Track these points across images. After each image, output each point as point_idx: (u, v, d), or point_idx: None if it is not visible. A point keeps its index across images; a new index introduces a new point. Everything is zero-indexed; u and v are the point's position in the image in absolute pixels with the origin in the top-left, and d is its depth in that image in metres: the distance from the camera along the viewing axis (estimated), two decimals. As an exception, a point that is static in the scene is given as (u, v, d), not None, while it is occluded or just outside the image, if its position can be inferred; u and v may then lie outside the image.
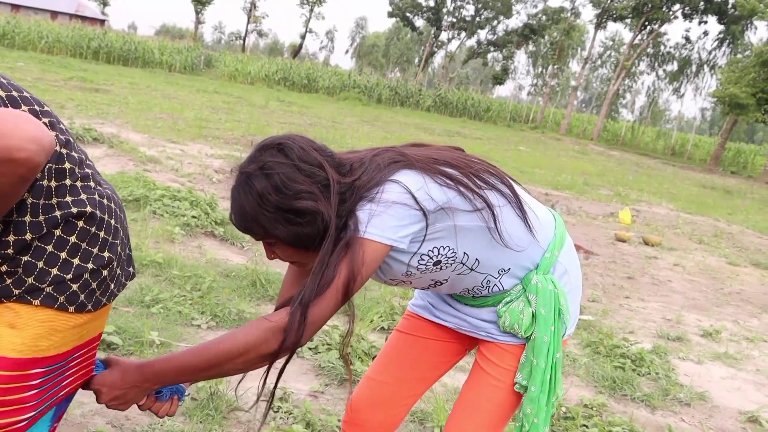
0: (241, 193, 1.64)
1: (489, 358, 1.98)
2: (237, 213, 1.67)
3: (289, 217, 1.61)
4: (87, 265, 1.49)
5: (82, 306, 1.51)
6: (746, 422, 4.08)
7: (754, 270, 8.98)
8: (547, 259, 1.91)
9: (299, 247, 1.67)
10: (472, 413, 1.96)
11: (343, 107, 29.10)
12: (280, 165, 1.62)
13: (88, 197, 1.50)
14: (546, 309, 1.88)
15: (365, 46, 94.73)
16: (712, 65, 47.24)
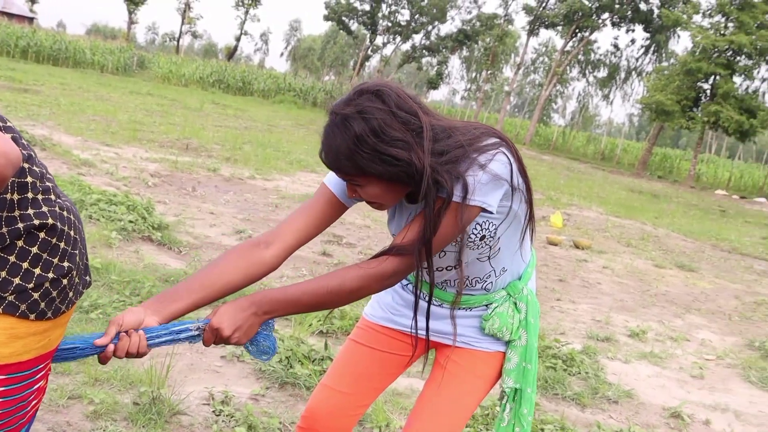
0: (336, 133, 1.68)
1: (460, 364, 2.05)
2: (330, 152, 1.71)
3: (385, 159, 1.66)
4: (48, 275, 1.54)
5: (43, 314, 1.55)
6: (670, 417, 4.28)
7: (678, 272, 9.32)
8: (528, 274, 2.07)
9: (394, 182, 1.73)
10: (442, 416, 2.04)
11: (278, 110, 29.03)
12: (377, 110, 1.67)
13: (49, 210, 1.55)
14: (534, 318, 2.02)
15: (300, 49, 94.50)
16: (639, 72, 48.50)
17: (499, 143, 1.78)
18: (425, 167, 1.67)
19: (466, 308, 2.05)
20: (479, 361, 2.05)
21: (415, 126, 1.70)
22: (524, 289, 2.04)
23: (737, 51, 31.39)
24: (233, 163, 11.54)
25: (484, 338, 2.05)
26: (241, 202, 8.68)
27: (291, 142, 16.15)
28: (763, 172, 39.54)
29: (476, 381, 2.05)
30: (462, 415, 2.05)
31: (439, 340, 2.10)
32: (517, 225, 1.93)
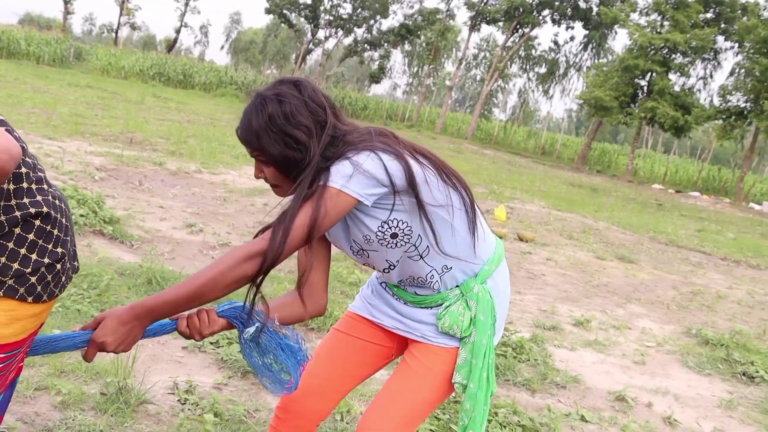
0: (253, 111, 1.91)
1: (419, 358, 2.16)
2: (244, 127, 1.93)
3: (286, 141, 1.88)
4: (43, 260, 1.65)
5: (39, 297, 1.67)
6: (615, 401, 4.48)
7: (619, 263, 9.61)
8: (486, 271, 2.13)
9: (284, 170, 1.93)
10: (396, 405, 2.13)
11: (220, 104, 28.80)
12: (293, 97, 1.90)
13: (43, 198, 1.65)
14: (484, 316, 2.10)
15: (241, 42, 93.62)
16: (578, 68, 49.35)
17: (381, 144, 1.91)
18: (314, 156, 1.87)
19: (425, 307, 2.15)
20: (435, 356, 2.15)
21: (321, 119, 1.93)
22: (476, 287, 2.11)
23: (673, 49, 32.24)
24: (179, 156, 11.49)
25: (440, 335, 2.15)
26: (189, 196, 8.67)
27: (235, 136, 16.06)
28: (697, 167, 40.67)
29: (432, 376, 2.15)
30: (419, 406, 2.15)
31: (402, 334, 2.21)
32: (441, 221, 2.00)
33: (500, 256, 2.21)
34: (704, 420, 4.46)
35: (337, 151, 1.91)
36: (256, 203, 8.86)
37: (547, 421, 3.82)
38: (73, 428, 2.85)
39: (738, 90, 31.41)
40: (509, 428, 3.63)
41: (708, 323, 6.95)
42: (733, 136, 32.26)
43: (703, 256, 11.79)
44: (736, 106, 31.34)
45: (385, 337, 2.28)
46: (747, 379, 5.35)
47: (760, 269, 11.48)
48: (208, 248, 6.37)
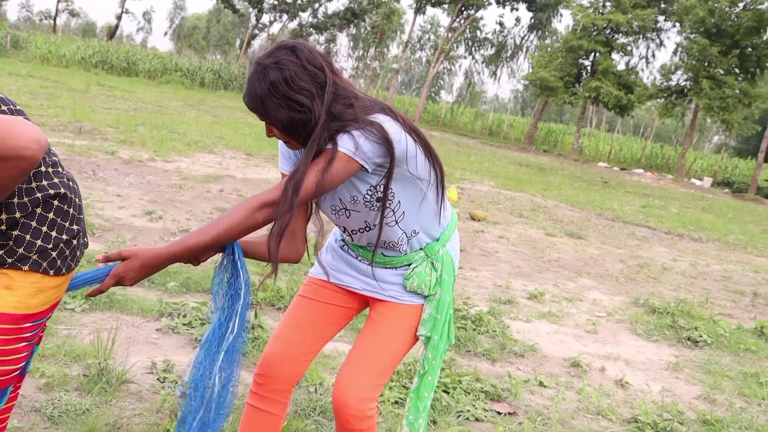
0: (255, 80, 2.03)
1: (387, 316, 2.35)
2: (250, 95, 2.05)
3: (290, 104, 2.01)
4: (62, 237, 1.84)
5: (59, 270, 1.86)
6: (570, 367, 4.72)
7: (568, 239, 9.91)
8: (446, 236, 2.36)
9: (293, 132, 2.07)
10: (370, 359, 2.32)
11: (166, 91, 28.52)
12: (291, 63, 2.01)
13: (59, 180, 1.84)
14: (448, 276, 2.33)
15: (185, 28, 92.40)
16: (524, 50, 49.89)
17: (386, 118, 2.11)
18: (320, 117, 2.03)
19: (392, 267, 2.35)
20: (402, 313, 2.35)
21: (320, 80, 2.04)
22: (440, 250, 2.35)
23: (615, 29, 32.84)
24: (130, 145, 11.45)
25: (407, 293, 2.35)
26: (145, 184, 8.70)
27: (184, 123, 16.03)
28: (640, 145, 41.57)
29: (400, 331, 2.35)
30: (389, 359, 2.35)
31: (370, 295, 2.40)
32: (418, 191, 2.23)
33: (455, 223, 2.44)
34: (653, 381, 4.73)
35: (343, 111, 2.06)
36: (212, 189, 8.93)
37: (508, 387, 4.04)
38: (59, 408, 2.97)
39: (678, 69, 32.16)
40: (473, 394, 3.83)
41: (654, 293, 7.26)
42: (674, 114, 33.05)
43: (648, 231, 12.19)
44: (677, 84, 32.10)
45: (347, 298, 2.47)
46: (691, 344, 5.66)
47: (702, 242, 11.92)
48: (169, 235, 6.45)
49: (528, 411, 3.87)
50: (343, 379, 2.30)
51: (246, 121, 19.82)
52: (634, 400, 4.31)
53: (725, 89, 28.87)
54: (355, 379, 2.29)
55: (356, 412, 2.26)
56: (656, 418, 3.91)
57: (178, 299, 4.59)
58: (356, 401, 2.25)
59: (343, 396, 2.26)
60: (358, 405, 2.26)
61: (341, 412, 2.27)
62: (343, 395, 2.26)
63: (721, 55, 29.40)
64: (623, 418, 3.98)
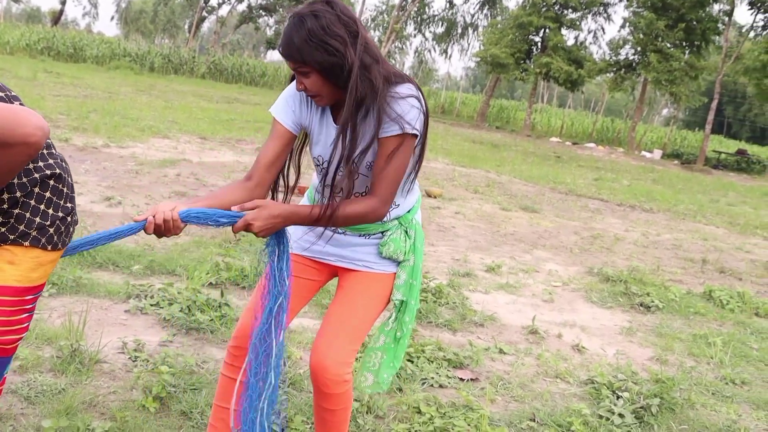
0: (293, 29, 2.17)
1: (362, 284, 2.49)
2: (286, 44, 2.18)
3: (327, 48, 2.15)
4: (58, 214, 1.97)
5: (56, 245, 2.01)
6: (528, 334, 4.90)
7: (523, 213, 10.11)
8: (415, 208, 2.53)
9: (329, 76, 2.19)
10: (346, 326, 2.43)
11: (115, 77, 28.15)
12: (327, 12, 2.16)
13: (54, 161, 1.96)
14: (420, 244, 2.50)
15: (132, 12, 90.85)
16: (475, 27, 50.05)
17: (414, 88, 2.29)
18: (354, 62, 2.17)
19: (365, 235, 2.48)
20: (375, 281, 2.49)
21: (353, 30, 2.19)
22: (413, 220, 2.50)
23: (564, 5, 33.14)
24: (83, 132, 11.36)
25: (381, 261, 2.49)
26: (101, 170, 8.67)
27: (137, 109, 15.90)
28: (591, 120, 42.12)
29: (374, 297, 2.49)
30: (364, 324, 2.47)
31: (343, 265, 2.53)
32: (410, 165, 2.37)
33: (420, 198, 2.60)
34: (608, 346, 4.93)
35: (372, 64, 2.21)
36: (168, 174, 8.93)
37: (469, 354, 4.19)
38: (35, 389, 3.03)
39: (627, 43, 32.62)
40: (436, 363, 3.98)
41: (608, 263, 7.49)
42: (623, 88, 33.54)
43: (600, 203, 12.46)
44: (626, 59, 32.56)
45: (315, 271, 2.59)
46: (644, 309, 5.88)
47: (652, 212, 12.23)
48: (129, 219, 6.44)
49: (489, 376, 4.02)
50: (321, 344, 2.40)
51: (198, 105, 19.72)
52: (590, 364, 4.49)
53: (672, 62, 29.39)
54: (333, 344, 2.39)
55: (334, 376, 2.37)
56: (611, 378, 4.08)
57: (144, 281, 4.65)
58: (335, 365, 2.36)
59: (322, 360, 2.37)
60: (336, 369, 2.37)
61: (320, 377, 2.38)
62: (321, 360, 2.37)
63: (668, 29, 29.89)
64: (580, 380, 4.16)
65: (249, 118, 17.90)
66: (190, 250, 5.58)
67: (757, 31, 31.43)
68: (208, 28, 74.39)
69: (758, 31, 31.30)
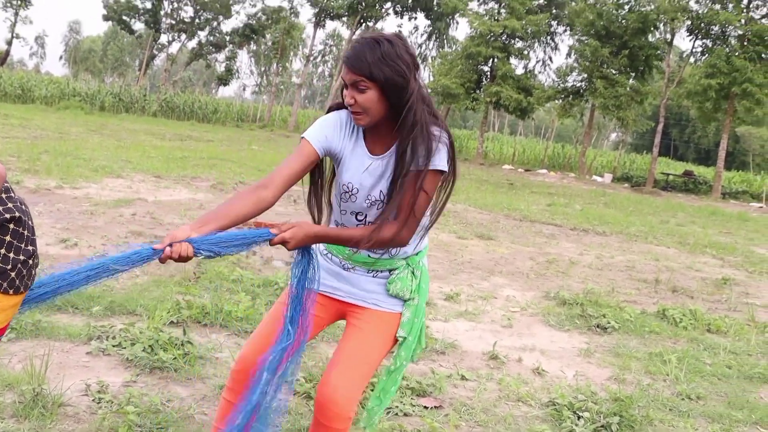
0: (367, 47, 2.36)
1: (370, 323, 2.57)
2: (358, 57, 2.35)
3: (396, 68, 2.35)
4: (19, 257, 1.93)
5: (18, 289, 1.96)
6: (489, 360, 4.97)
7: (479, 241, 10.23)
8: (422, 253, 2.67)
9: (387, 94, 2.37)
10: (356, 363, 2.49)
11: (65, 117, 27.89)
12: (399, 42, 2.40)
13: (13, 205, 1.93)
14: (425, 285, 2.61)
15: (81, 51, 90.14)
16: (424, 58, 50.62)
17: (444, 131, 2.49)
18: (413, 90, 2.39)
19: (374, 273, 2.59)
20: (383, 321, 2.58)
21: (416, 63, 2.43)
22: (420, 262, 2.63)
23: (511, 35, 33.76)
24: (34, 174, 11.25)
25: (388, 300, 2.60)
26: (55, 212, 8.59)
27: (89, 149, 15.78)
28: (542, 146, 42.76)
29: (382, 336, 2.58)
30: (372, 362, 2.55)
31: (352, 301, 2.62)
32: None
33: (428, 245, 2.74)
34: (567, 368, 5.02)
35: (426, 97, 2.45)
36: (124, 214, 8.88)
37: (432, 382, 4.25)
38: (-2, 434, 3.01)
39: (573, 71, 33.30)
40: (400, 391, 4.02)
41: (564, 286, 7.62)
42: (572, 114, 34.21)
43: (554, 228, 12.67)
44: (573, 85, 33.23)
45: (324, 308, 2.67)
46: (600, 330, 6.01)
47: (605, 235, 12.46)
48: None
49: (453, 403, 4.08)
50: (332, 378, 2.45)
51: (151, 144, 19.63)
52: (550, 386, 4.57)
53: (618, 88, 30.09)
54: (344, 379, 2.44)
55: (341, 410, 2.41)
56: (572, 399, 4.17)
57: (105, 322, 4.63)
58: (344, 400, 2.41)
59: (332, 393, 2.41)
60: (345, 403, 2.42)
61: (326, 410, 2.41)
62: (331, 393, 2.41)
63: (612, 56, 30.64)
64: (542, 402, 4.24)
65: (203, 155, 17.86)
66: (150, 289, 5.57)
67: (696, 57, 32.38)
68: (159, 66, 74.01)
69: (698, 56, 32.24)
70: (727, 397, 4.69)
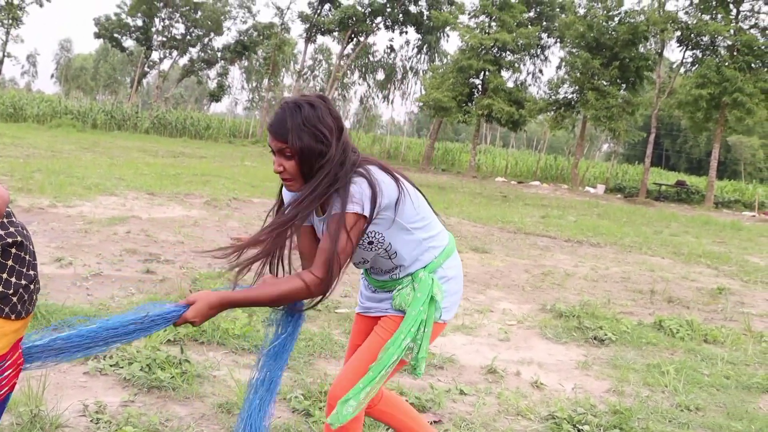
0: (288, 113, 2.41)
1: (383, 327, 2.72)
2: (278, 123, 2.42)
3: (316, 135, 2.41)
4: (21, 282, 1.90)
5: (20, 314, 1.93)
6: (487, 374, 4.96)
7: (474, 254, 10.23)
8: (435, 264, 2.67)
9: (306, 162, 2.43)
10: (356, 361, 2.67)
11: (57, 135, 27.88)
12: (322, 104, 2.45)
13: (15, 230, 1.91)
14: (421, 294, 2.61)
15: (72, 69, 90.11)
16: (415, 72, 50.78)
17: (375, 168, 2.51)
18: (335, 153, 2.44)
19: (385, 290, 2.73)
20: (385, 321, 2.73)
21: (340, 125, 2.49)
22: (421, 274, 2.65)
23: (502, 48, 33.88)
24: (28, 192, 11.22)
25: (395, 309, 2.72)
26: (49, 231, 8.57)
27: (82, 167, 15.76)
28: (535, 158, 42.85)
29: (382, 337, 2.66)
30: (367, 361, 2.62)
31: (374, 314, 2.81)
32: (406, 233, 2.60)
33: (451, 250, 2.77)
34: (565, 381, 5.02)
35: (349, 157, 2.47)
36: (118, 232, 8.86)
37: (431, 397, 4.24)
38: (-3, 456, 2.99)
39: (564, 83, 33.44)
40: (399, 407, 4.00)
41: (560, 298, 7.62)
42: (564, 126, 34.32)
43: (549, 240, 12.68)
44: (565, 97, 33.36)
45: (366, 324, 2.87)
46: (598, 342, 6.00)
47: (600, 246, 12.48)
48: (81, 280, 6.40)
49: (452, 418, 4.07)
50: (337, 377, 2.69)
51: (144, 161, 19.62)
52: (549, 399, 4.57)
53: (609, 99, 30.20)
54: (341, 377, 2.65)
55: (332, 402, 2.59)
56: (571, 413, 4.16)
57: (101, 342, 4.60)
58: (333, 393, 2.61)
59: (331, 389, 2.64)
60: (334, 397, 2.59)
61: (328, 404, 2.63)
62: (332, 389, 2.64)
63: (603, 67, 30.77)
64: (541, 416, 4.23)
65: (196, 171, 17.85)
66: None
67: (686, 67, 32.56)
68: (150, 83, 74.01)
69: (688, 66, 32.43)
70: (726, 408, 4.69)
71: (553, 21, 36.66)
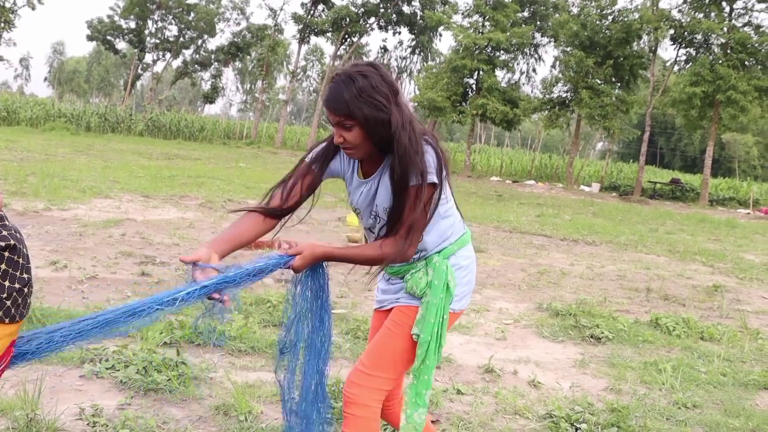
0: (342, 86, 2.40)
1: (393, 318, 2.71)
2: (335, 98, 2.41)
3: (375, 104, 2.39)
4: (15, 286, 1.89)
5: (13, 318, 1.92)
6: (484, 373, 4.96)
7: (470, 253, 10.22)
8: (449, 250, 2.68)
9: (371, 130, 2.42)
10: (368, 353, 2.69)
11: (51, 138, 27.83)
12: (373, 73, 2.43)
13: (9, 233, 1.89)
14: (438, 281, 2.61)
15: (65, 72, 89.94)
16: (409, 72, 50.78)
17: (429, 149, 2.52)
18: (396, 118, 2.42)
19: (401, 276, 2.73)
20: (400, 313, 2.70)
21: (394, 89, 2.46)
22: (435, 259, 2.66)
23: (496, 47, 33.89)
24: (22, 196, 11.20)
25: (406, 296, 2.70)
26: (44, 234, 8.55)
27: (76, 170, 15.73)
28: (529, 157, 42.90)
29: (396, 327, 2.68)
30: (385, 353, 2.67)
31: (390, 306, 2.77)
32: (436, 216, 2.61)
33: (466, 240, 2.78)
34: (563, 379, 5.02)
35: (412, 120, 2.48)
36: (113, 234, 8.84)
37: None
38: (-7, 461, 2.98)
39: (558, 81, 33.48)
40: (397, 408, 4.00)
41: (556, 297, 7.62)
42: (558, 125, 34.36)
43: (545, 239, 12.69)
44: (559, 96, 33.40)
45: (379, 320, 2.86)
46: (594, 341, 6.00)
47: (595, 245, 12.49)
48: (76, 283, 6.38)
49: (450, 417, 4.06)
50: (352, 370, 2.69)
51: (138, 163, 19.58)
52: (547, 398, 4.56)
53: (603, 98, 30.25)
54: (355, 370, 2.66)
55: (346, 391, 2.62)
56: (569, 411, 4.16)
57: (97, 345, 4.58)
58: (348, 383, 2.64)
59: (347, 383, 2.66)
60: (348, 386, 2.63)
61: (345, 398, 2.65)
62: (347, 382, 2.66)
63: (597, 66, 30.82)
64: (539, 415, 4.22)
65: (191, 173, 17.83)
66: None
67: (680, 65, 32.62)
68: (144, 85, 73.96)
69: (681, 64, 32.49)
70: (723, 405, 4.69)
71: (547, 20, 36.71)
